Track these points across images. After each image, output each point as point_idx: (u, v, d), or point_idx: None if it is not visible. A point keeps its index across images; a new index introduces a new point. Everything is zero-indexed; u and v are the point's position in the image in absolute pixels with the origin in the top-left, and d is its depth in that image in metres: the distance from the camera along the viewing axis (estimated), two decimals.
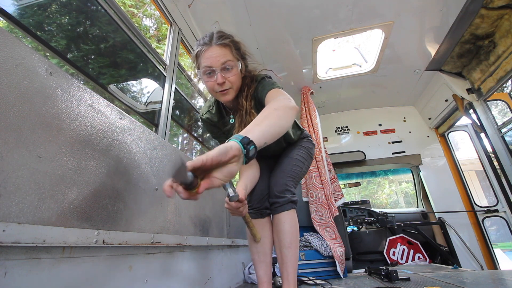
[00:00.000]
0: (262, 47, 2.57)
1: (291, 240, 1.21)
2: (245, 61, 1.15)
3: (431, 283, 1.51)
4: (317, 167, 2.69)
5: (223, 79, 1.03)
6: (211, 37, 1.05)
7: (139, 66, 2.19)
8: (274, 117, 0.81)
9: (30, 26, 0.96)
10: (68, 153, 0.78)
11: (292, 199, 1.25)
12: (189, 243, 1.35)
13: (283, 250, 1.21)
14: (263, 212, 1.32)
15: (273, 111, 0.84)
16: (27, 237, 0.61)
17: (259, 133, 0.71)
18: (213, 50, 1.03)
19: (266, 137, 0.73)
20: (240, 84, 1.12)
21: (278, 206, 1.24)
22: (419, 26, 2.42)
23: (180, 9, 2.04)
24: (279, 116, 0.82)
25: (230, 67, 1.04)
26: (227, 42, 1.06)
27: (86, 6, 1.96)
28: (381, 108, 3.89)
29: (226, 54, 1.04)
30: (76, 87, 0.84)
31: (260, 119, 0.78)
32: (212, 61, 1.02)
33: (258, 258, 1.30)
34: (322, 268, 2.18)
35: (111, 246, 0.87)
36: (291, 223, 1.23)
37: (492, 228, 4.21)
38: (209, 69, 1.03)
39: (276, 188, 1.26)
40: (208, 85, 1.08)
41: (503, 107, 3.26)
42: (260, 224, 1.30)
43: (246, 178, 1.18)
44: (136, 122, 1.14)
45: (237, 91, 1.11)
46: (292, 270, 1.20)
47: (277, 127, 0.79)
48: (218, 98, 1.15)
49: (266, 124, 0.76)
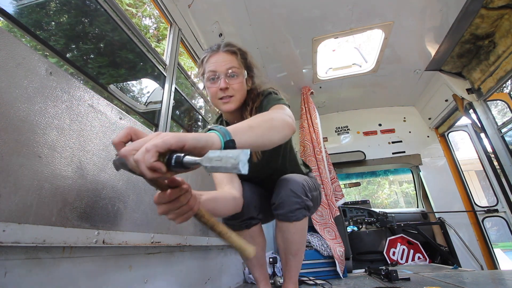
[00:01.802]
0: (262, 47, 2.57)
1: (298, 248, 1.14)
2: (252, 73, 1.11)
3: (431, 283, 1.51)
4: (317, 167, 2.69)
5: (226, 84, 1.00)
6: (219, 45, 1.05)
7: (139, 66, 2.19)
8: (268, 126, 0.74)
9: (28, 25, 0.96)
10: (68, 153, 0.78)
11: (307, 204, 1.07)
12: (189, 243, 1.35)
13: (289, 256, 1.15)
14: (248, 223, 1.15)
15: (270, 120, 0.77)
16: (27, 237, 0.61)
17: (247, 139, 0.63)
18: (219, 56, 1.02)
19: (252, 146, 0.64)
20: (244, 96, 1.07)
21: (289, 212, 1.04)
22: (419, 26, 2.42)
23: (180, 9, 2.04)
24: (273, 127, 0.75)
25: (235, 74, 1.02)
26: (234, 50, 1.05)
27: (85, 6, 1.96)
28: (381, 108, 3.88)
29: (232, 61, 1.03)
30: (76, 87, 0.84)
31: (255, 123, 0.71)
32: (217, 65, 1.01)
33: (251, 263, 1.25)
34: (322, 268, 2.19)
35: (111, 246, 0.87)
36: (301, 232, 1.11)
37: (492, 228, 4.21)
38: (213, 73, 1.01)
39: (292, 185, 1.06)
40: (210, 92, 1.03)
41: (503, 107, 3.26)
42: (247, 236, 1.14)
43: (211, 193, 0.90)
44: (136, 122, 1.14)
45: (240, 102, 1.05)
46: (295, 273, 1.19)
47: (267, 140, 0.72)
48: (219, 107, 1.07)
49: (258, 133, 0.68)
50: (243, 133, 0.62)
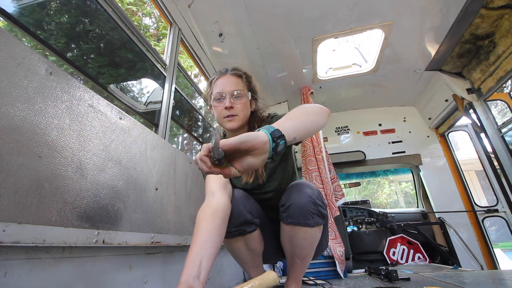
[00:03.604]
0: (262, 47, 2.57)
1: (307, 253, 1.09)
2: (255, 95, 1.18)
3: (431, 283, 1.51)
4: (317, 167, 2.69)
5: (231, 103, 1.06)
6: (227, 69, 1.14)
7: (138, 65, 2.19)
8: (303, 112, 0.78)
9: (27, 25, 0.96)
10: (68, 153, 0.77)
11: (322, 211, 1.01)
12: (189, 243, 1.35)
13: (296, 259, 1.11)
14: (242, 230, 1.05)
15: (302, 108, 0.81)
16: (27, 237, 0.61)
17: (290, 127, 0.66)
18: (226, 78, 1.11)
19: (297, 133, 0.68)
20: (248, 116, 1.13)
21: (302, 215, 0.97)
22: (419, 26, 2.42)
23: (180, 9, 2.04)
24: (308, 113, 0.79)
25: (239, 95, 1.08)
26: (240, 73, 1.13)
27: (85, 5, 1.96)
28: (381, 108, 3.88)
29: (238, 83, 1.10)
30: (76, 87, 0.84)
31: (292, 115, 0.76)
32: (224, 87, 1.08)
33: (248, 266, 1.19)
34: (322, 268, 2.19)
35: (111, 246, 0.87)
36: (312, 239, 1.05)
37: (492, 228, 4.22)
38: (220, 94, 1.08)
39: (308, 189, 1.00)
40: (216, 111, 1.09)
41: (503, 107, 3.26)
42: (241, 244, 1.07)
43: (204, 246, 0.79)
44: (136, 122, 1.14)
45: (243, 121, 1.10)
46: (301, 274, 1.19)
47: (309, 123, 0.76)
48: (224, 125, 1.11)
49: (300, 119, 0.73)
50: (283, 124, 0.67)
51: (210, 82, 1.15)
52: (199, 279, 0.72)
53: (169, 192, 1.31)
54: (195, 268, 0.73)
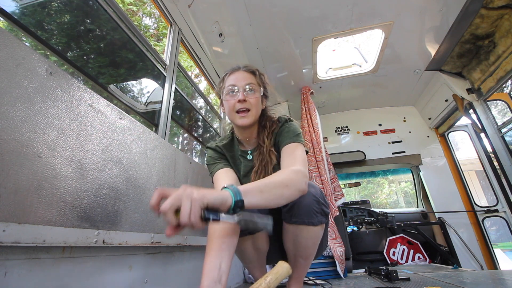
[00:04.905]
0: (262, 47, 2.57)
1: (311, 253, 1.09)
2: (266, 93, 1.18)
3: (431, 283, 1.51)
4: (317, 167, 2.69)
5: (244, 97, 1.05)
6: (239, 66, 1.14)
7: (138, 65, 2.19)
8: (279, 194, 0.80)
9: (28, 25, 0.96)
10: (68, 153, 0.77)
11: (325, 210, 1.02)
12: (189, 243, 1.35)
13: (299, 259, 1.10)
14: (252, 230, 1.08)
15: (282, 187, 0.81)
16: (27, 237, 0.61)
17: (256, 202, 0.72)
18: (240, 73, 1.11)
19: (258, 207, 0.75)
20: (259, 113, 1.12)
21: (306, 214, 0.98)
22: (419, 26, 2.42)
23: (180, 9, 2.04)
24: (283, 196, 0.82)
25: (253, 90, 1.08)
26: (253, 69, 1.14)
27: (85, 5, 1.96)
28: (381, 108, 3.88)
29: (251, 78, 1.11)
30: (76, 87, 0.84)
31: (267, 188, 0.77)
32: (237, 80, 1.08)
33: (253, 266, 1.21)
34: (322, 268, 2.18)
35: (111, 246, 0.87)
36: (315, 239, 1.05)
37: (492, 228, 4.22)
38: (233, 87, 1.07)
39: (311, 189, 1.00)
40: (228, 104, 1.08)
41: (503, 107, 3.26)
42: (249, 242, 1.10)
43: (221, 251, 0.84)
44: (136, 122, 1.14)
45: (255, 118, 1.10)
46: (303, 273, 1.18)
47: (273, 203, 0.80)
48: (235, 121, 1.09)
49: (267, 197, 0.76)
50: (252, 195, 0.72)
51: (223, 78, 1.14)
52: (221, 283, 0.76)
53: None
54: (216, 271, 0.78)
